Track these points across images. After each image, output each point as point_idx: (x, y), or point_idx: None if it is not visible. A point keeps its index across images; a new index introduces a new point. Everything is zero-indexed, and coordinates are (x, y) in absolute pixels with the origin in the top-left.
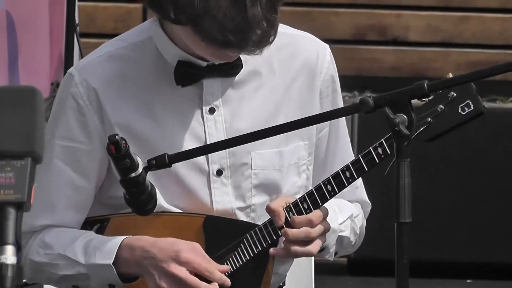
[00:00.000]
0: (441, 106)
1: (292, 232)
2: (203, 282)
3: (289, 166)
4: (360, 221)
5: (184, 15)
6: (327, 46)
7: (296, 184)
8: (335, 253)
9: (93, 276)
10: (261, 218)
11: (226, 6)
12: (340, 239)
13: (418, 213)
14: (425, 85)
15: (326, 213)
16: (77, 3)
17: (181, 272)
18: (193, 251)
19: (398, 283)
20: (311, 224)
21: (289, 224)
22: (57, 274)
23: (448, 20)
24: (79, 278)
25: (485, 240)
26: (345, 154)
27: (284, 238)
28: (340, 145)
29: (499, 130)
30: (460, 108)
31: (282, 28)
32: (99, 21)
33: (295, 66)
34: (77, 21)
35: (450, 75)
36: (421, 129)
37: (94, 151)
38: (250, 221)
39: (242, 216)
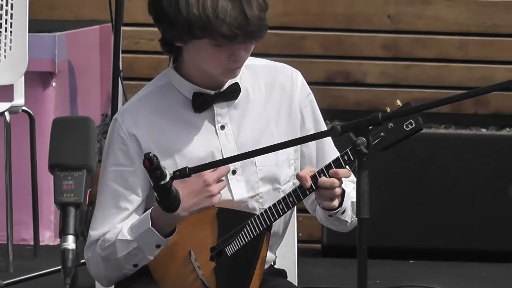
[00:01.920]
0: (391, 124)
1: (322, 179)
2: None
3: (283, 161)
4: None
5: (198, 27)
6: (298, 71)
7: (288, 174)
8: (351, 220)
9: (143, 244)
10: (267, 203)
11: (229, 10)
12: (352, 204)
13: (375, 210)
14: (379, 116)
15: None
16: (121, 54)
17: (197, 176)
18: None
19: (359, 264)
20: (336, 176)
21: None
22: (118, 257)
23: (396, 67)
24: (135, 254)
25: (422, 229)
26: (332, 155)
27: (310, 198)
28: (326, 150)
29: (433, 150)
30: (405, 125)
31: (265, 62)
32: (137, 68)
33: (276, 85)
34: (121, 68)
35: (398, 102)
36: (376, 141)
37: (137, 170)
38: (259, 206)
39: (253, 202)
